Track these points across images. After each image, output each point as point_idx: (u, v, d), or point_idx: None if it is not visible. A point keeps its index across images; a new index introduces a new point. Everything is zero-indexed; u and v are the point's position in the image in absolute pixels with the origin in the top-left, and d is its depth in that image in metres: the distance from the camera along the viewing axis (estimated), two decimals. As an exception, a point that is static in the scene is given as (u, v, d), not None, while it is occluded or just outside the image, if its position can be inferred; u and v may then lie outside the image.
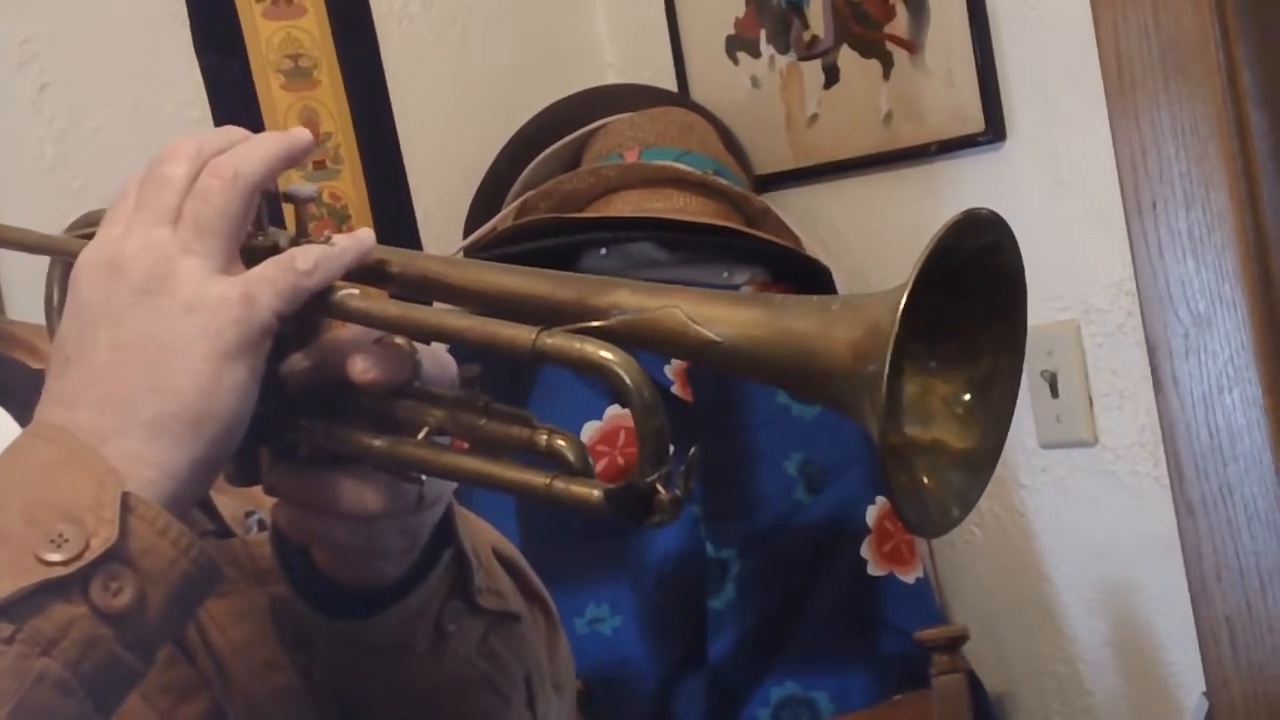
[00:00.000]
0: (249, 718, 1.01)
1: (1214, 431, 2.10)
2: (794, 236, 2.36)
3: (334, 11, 2.44)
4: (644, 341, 0.88)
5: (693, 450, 0.85)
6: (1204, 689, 2.18)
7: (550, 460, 0.88)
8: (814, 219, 2.46)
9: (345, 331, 0.94)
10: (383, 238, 0.97)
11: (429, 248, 2.43)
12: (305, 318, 0.92)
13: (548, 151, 2.46)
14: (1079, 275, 2.24)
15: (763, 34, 2.51)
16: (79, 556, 0.83)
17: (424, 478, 0.94)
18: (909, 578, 2.26)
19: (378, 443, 0.92)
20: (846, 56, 2.41)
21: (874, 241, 2.42)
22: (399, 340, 0.92)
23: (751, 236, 2.31)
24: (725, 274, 2.30)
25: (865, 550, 2.24)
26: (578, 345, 0.86)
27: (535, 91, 2.56)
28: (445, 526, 1.01)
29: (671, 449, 0.86)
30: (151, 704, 0.97)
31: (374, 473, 0.93)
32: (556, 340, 0.86)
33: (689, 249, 2.29)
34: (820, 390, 0.86)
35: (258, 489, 1.00)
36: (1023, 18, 2.24)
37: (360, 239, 0.94)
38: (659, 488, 0.85)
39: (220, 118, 2.31)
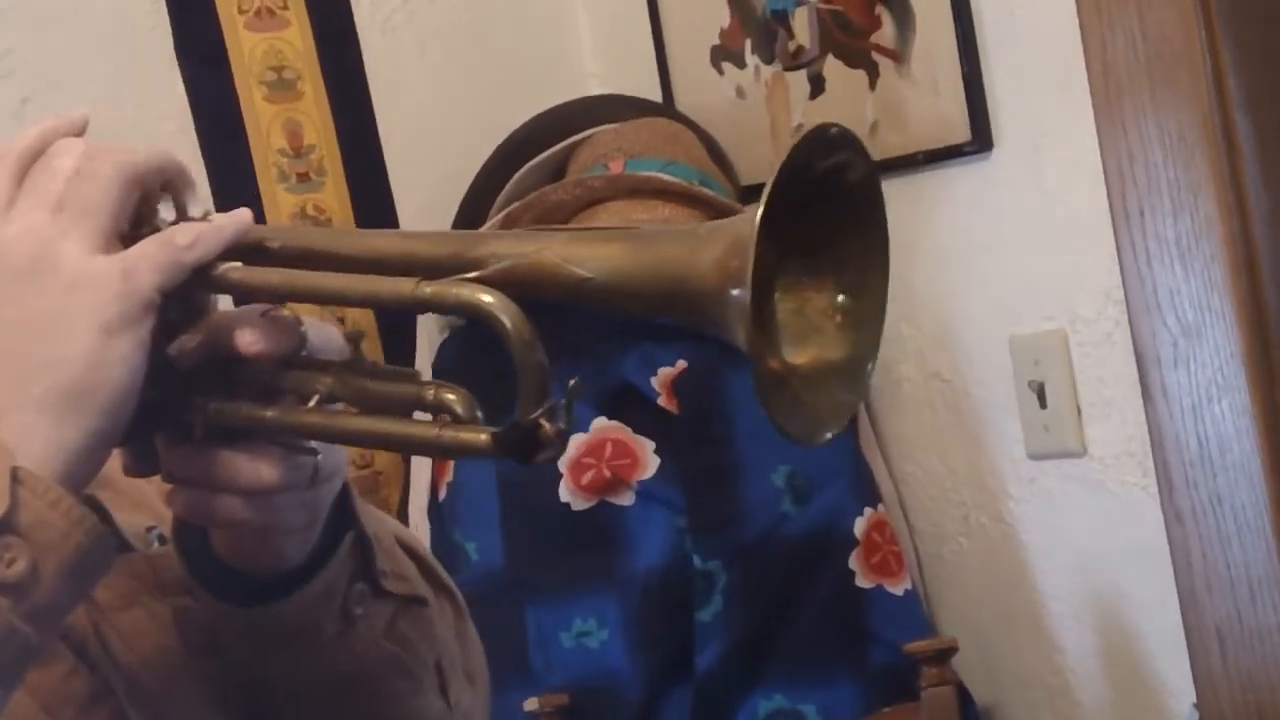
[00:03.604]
0: None
1: (1203, 441, 2.10)
2: (780, 247, 2.35)
3: (317, 23, 2.44)
4: (522, 285, 0.90)
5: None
6: (1194, 699, 2.17)
7: (439, 413, 0.90)
8: (800, 229, 2.45)
9: (232, 309, 0.96)
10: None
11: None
12: (190, 297, 0.95)
13: (532, 163, 2.45)
14: (1067, 284, 2.23)
15: (748, 44, 2.50)
16: None
17: (319, 450, 0.96)
18: (897, 589, 2.25)
19: (270, 413, 0.94)
20: (832, 66, 2.41)
21: (860, 251, 2.41)
22: (285, 312, 0.94)
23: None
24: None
25: (853, 562, 2.23)
26: (455, 290, 0.89)
27: (519, 102, 2.55)
28: (345, 510, 1.02)
29: (659, 461, 0.86)
30: (54, 715, 0.98)
31: (269, 447, 0.95)
32: (436, 288, 0.89)
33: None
34: (693, 313, 0.88)
35: (158, 505, 1.00)
36: (1008, 27, 2.24)
37: (238, 216, 0.96)
38: (543, 423, 0.87)
39: (203, 129, 2.30)
